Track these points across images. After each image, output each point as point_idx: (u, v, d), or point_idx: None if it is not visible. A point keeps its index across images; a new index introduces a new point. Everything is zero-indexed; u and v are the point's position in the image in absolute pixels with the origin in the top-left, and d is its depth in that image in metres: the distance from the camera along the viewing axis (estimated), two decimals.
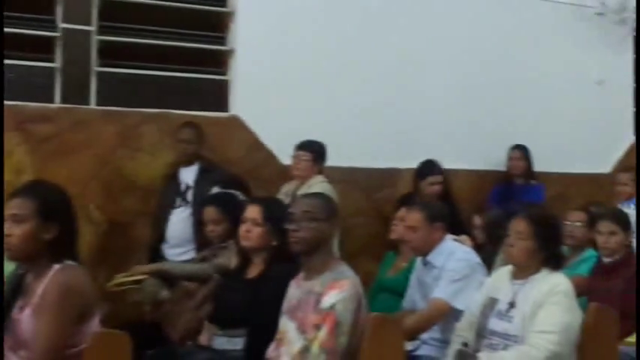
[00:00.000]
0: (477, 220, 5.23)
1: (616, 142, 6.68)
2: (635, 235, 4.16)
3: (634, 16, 6.38)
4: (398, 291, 4.20)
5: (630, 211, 5.54)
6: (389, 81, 5.75)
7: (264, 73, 5.40)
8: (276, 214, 3.28)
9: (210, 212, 3.97)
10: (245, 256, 3.41)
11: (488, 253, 4.19)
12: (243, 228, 3.35)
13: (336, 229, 2.96)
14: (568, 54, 6.38)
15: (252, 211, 3.35)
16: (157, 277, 3.93)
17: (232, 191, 4.33)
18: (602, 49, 6.51)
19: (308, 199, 3.08)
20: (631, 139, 6.74)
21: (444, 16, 5.97)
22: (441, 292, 3.63)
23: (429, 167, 5.28)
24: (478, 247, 4.55)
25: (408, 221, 3.92)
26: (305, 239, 2.86)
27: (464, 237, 4.77)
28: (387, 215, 5.02)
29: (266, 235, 3.29)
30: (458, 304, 3.58)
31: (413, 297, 3.91)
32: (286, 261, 3.17)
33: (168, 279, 3.94)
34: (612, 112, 6.61)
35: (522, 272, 3.27)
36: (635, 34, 6.34)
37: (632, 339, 3.70)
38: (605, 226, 4.03)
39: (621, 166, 6.39)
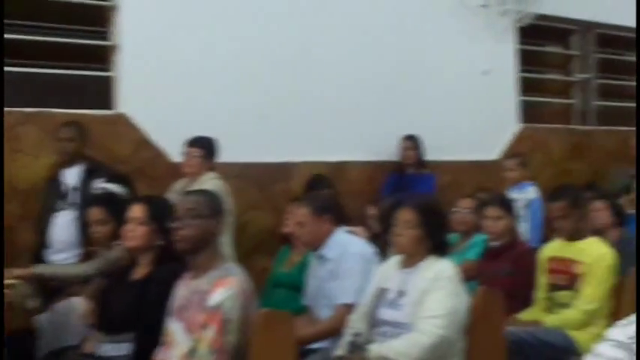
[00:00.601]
0: (372, 210, 5.29)
1: (502, 130, 6.89)
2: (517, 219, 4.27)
3: (514, 7, 6.60)
4: (293, 285, 4.17)
5: (519, 196, 5.75)
6: (281, 74, 5.72)
7: (150, 69, 5.26)
8: (160, 213, 3.19)
9: (94, 213, 3.84)
10: (131, 257, 3.30)
11: (383, 243, 4.24)
12: (127, 228, 3.24)
13: (223, 225, 2.89)
14: (455, 45, 6.53)
15: (137, 210, 3.25)
16: (32, 282, 3.76)
17: (117, 189, 4.20)
18: (487, 40, 6.69)
19: (192, 197, 3.01)
20: (515, 126, 6.96)
21: (335, 8, 5.97)
22: (345, 296, 3.58)
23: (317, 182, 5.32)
24: (374, 237, 4.61)
25: (295, 217, 3.90)
26: (189, 237, 2.79)
27: (359, 228, 4.82)
28: (282, 210, 4.98)
29: (151, 234, 3.19)
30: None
31: (311, 293, 3.87)
32: (173, 261, 3.09)
33: (47, 285, 3.78)
34: (498, 100, 6.82)
35: (410, 260, 3.31)
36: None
37: (522, 316, 3.81)
38: (491, 211, 4.14)
39: (508, 153, 6.60)
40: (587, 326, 3.65)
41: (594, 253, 3.74)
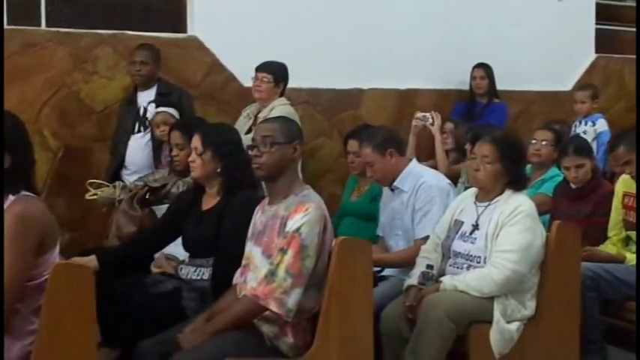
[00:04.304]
0: (449, 126, 5.27)
1: (577, 59, 6.67)
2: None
3: None
4: (361, 214, 4.20)
5: (587, 128, 5.62)
6: (352, 2, 5.61)
7: None
8: (215, 139, 3.20)
9: (175, 137, 3.88)
10: (198, 187, 3.35)
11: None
12: (190, 158, 3.28)
13: (299, 152, 2.87)
14: None
15: (195, 140, 3.25)
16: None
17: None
18: None
19: (268, 124, 2.99)
20: (591, 56, 6.74)
21: None
22: (423, 230, 3.58)
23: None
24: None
25: (362, 157, 3.87)
26: (266, 165, 2.80)
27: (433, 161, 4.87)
28: None
29: (210, 163, 3.19)
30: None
31: (384, 224, 3.89)
32: (243, 188, 3.13)
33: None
34: (573, 29, 6.58)
35: (487, 194, 3.29)
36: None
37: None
38: (570, 160, 3.99)
39: (580, 84, 6.41)
40: None
41: None
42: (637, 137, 3.56)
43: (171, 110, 4.44)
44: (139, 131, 4.72)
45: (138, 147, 4.69)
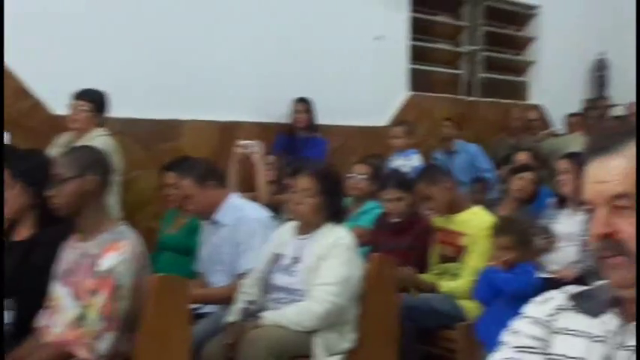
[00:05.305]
0: (271, 158, 5.31)
1: (392, 96, 6.96)
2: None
3: None
4: (180, 249, 4.07)
5: (403, 162, 5.84)
6: (174, 28, 5.50)
7: (30, 10, 4.88)
8: (31, 170, 2.92)
9: None
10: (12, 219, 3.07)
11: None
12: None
13: (99, 184, 2.67)
14: (349, 9, 6.50)
15: (6, 173, 2.99)
16: None
17: None
18: (381, 6, 6.71)
19: (60, 158, 2.79)
20: (406, 94, 7.05)
21: None
22: (245, 264, 3.50)
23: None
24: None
25: (180, 189, 3.75)
26: (61, 203, 2.61)
27: (255, 193, 4.79)
28: None
29: (22, 194, 2.91)
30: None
31: (204, 259, 3.77)
32: (58, 221, 2.89)
33: None
34: (389, 67, 6.87)
35: (307, 227, 3.29)
36: None
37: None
38: (391, 193, 4.08)
39: (395, 120, 6.68)
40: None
41: (477, 225, 3.74)
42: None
43: None
44: None
45: None
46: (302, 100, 6.00)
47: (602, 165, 1.33)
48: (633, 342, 1.31)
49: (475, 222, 3.77)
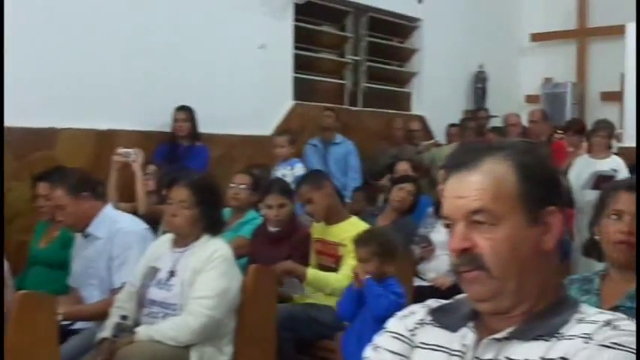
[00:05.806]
0: (151, 168, 5.17)
1: (276, 106, 6.95)
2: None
3: None
4: (51, 262, 3.92)
5: (286, 171, 5.84)
6: (48, 34, 5.27)
7: None
8: None
9: None
10: None
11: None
12: None
13: None
14: (232, 17, 6.44)
15: None
16: None
17: None
18: (265, 15, 6.71)
19: None
20: (290, 103, 7.07)
21: None
22: (120, 279, 3.40)
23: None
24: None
25: (52, 200, 3.60)
26: None
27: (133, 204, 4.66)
28: None
29: None
30: None
31: (77, 273, 3.62)
32: None
33: None
34: (273, 76, 6.86)
35: (183, 240, 3.23)
36: None
37: None
38: (274, 199, 4.05)
39: (279, 129, 6.68)
40: None
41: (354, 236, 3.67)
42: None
43: None
44: None
45: None
46: (184, 109, 5.90)
47: (460, 180, 1.36)
48: (489, 356, 1.33)
49: (352, 233, 3.78)
